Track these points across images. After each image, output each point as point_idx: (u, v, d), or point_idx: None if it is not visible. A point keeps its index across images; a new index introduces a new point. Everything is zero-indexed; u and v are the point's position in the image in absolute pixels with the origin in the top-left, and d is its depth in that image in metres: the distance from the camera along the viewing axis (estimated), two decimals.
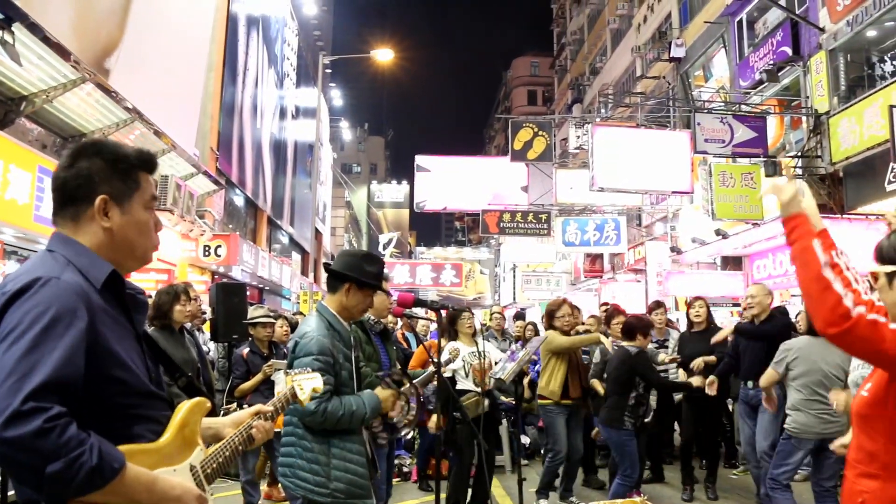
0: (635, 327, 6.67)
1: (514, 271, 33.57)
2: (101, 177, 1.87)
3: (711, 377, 6.62)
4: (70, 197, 1.87)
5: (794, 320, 8.40)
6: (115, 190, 1.89)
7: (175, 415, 1.91)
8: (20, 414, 1.50)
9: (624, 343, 6.62)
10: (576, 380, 7.11)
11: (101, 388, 1.72)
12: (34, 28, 8.64)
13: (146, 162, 1.98)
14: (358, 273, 3.58)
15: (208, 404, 2.01)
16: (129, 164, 1.92)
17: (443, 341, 5.49)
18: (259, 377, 6.66)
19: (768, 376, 5.80)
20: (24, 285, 1.68)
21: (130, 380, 1.80)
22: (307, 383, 2.65)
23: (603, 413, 6.57)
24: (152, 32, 14.01)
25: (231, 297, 7.81)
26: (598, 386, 7.40)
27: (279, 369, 6.36)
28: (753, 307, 6.80)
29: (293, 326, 7.72)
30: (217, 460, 2.00)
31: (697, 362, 7.19)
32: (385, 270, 3.97)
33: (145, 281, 11.71)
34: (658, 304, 9.02)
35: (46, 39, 8.90)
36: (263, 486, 7.37)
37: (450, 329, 6.60)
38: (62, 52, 9.28)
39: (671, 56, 21.33)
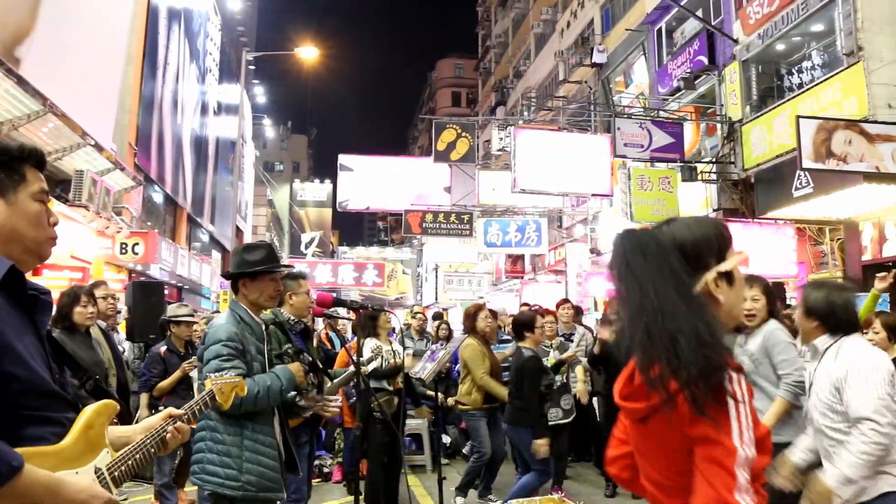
0: (520, 325, 6.51)
1: (437, 271, 33.64)
2: None
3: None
4: None
5: None
6: None
7: (79, 417, 1.82)
8: None
9: (520, 344, 6.48)
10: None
11: None
12: None
13: (31, 155, 1.85)
14: (244, 267, 3.71)
15: (116, 406, 1.92)
16: (11, 156, 1.80)
17: (361, 340, 5.51)
18: (177, 375, 6.58)
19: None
20: None
21: (30, 378, 1.68)
22: (228, 387, 2.61)
23: (515, 416, 6.28)
24: (67, 22, 13.54)
25: (148, 297, 7.68)
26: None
27: (197, 367, 6.28)
28: None
29: None
30: (126, 462, 1.91)
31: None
32: (304, 268, 4.01)
33: (58, 279, 11.32)
34: (565, 301, 9.28)
35: None
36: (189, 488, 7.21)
37: (370, 325, 6.60)
38: None
39: (593, 62, 21.69)
